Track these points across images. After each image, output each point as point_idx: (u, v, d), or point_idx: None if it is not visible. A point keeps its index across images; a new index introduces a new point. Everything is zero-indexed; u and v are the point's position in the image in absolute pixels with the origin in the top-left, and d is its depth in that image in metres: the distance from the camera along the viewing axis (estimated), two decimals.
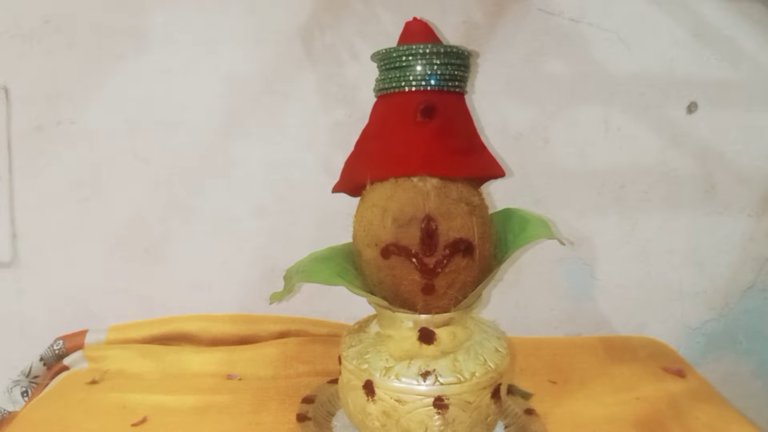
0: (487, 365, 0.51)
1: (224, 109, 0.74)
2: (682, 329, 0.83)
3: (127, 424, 0.59)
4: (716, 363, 0.83)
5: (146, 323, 0.75)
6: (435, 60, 0.51)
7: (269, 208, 0.77)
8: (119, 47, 0.72)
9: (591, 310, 0.81)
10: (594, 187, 0.78)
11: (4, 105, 0.72)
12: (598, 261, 0.80)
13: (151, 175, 0.75)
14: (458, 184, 0.52)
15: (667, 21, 0.74)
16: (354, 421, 0.54)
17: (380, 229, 0.51)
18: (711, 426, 0.60)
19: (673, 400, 0.64)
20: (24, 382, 0.72)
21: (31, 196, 0.75)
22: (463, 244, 0.51)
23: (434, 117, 0.51)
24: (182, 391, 0.65)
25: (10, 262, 0.76)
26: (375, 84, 0.55)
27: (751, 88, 0.76)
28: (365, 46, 0.72)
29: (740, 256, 0.81)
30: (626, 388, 0.67)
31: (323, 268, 0.53)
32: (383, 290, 0.53)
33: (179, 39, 0.72)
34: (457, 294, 0.52)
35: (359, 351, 0.53)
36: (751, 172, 0.79)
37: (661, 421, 0.61)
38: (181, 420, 0.60)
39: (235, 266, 0.78)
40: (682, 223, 0.79)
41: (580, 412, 0.62)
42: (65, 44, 0.71)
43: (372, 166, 0.53)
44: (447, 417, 0.50)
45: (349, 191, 0.57)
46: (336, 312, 0.78)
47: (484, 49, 0.73)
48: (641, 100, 0.76)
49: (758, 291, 0.82)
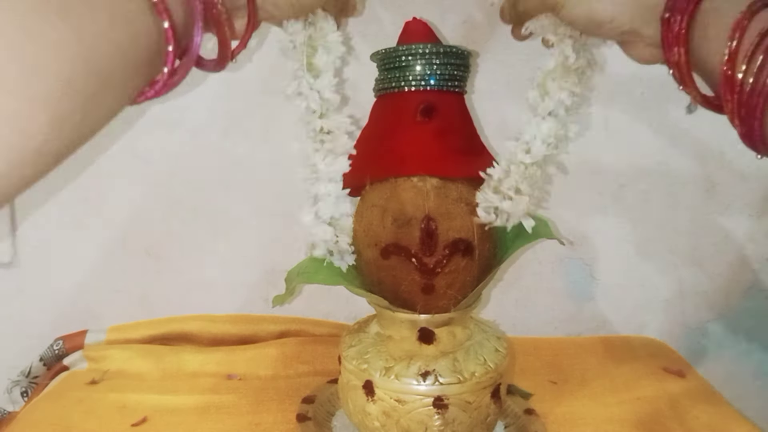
0: (486, 365, 0.51)
1: (224, 109, 0.74)
2: (682, 329, 0.83)
3: (127, 424, 0.59)
4: (716, 363, 0.83)
5: (146, 323, 0.75)
6: (434, 60, 0.51)
7: (269, 208, 0.77)
8: None
9: (591, 310, 0.81)
10: (594, 187, 0.78)
11: None
12: (598, 261, 0.80)
13: (151, 175, 0.75)
14: (458, 184, 0.52)
15: None
16: (354, 421, 0.54)
17: (380, 229, 0.51)
18: (711, 426, 0.60)
19: (673, 400, 0.64)
20: (24, 382, 0.72)
21: (31, 196, 0.74)
22: (462, 244, 0.51)
23: (434, 117, 0.51)
24: (182, 391, 0.65)
25: (10, 262, 0.76)
26: (375, 84, 0.55)
27: None
28: (365, 46, 0.72)
29: (740, 256, 0.81)
30: (626, 388, 0.67)
31: (323, 268, 0.53)
32: (383, 290, 0.53)
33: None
34: (456, 294, 0.52)
35: (359, 351, 0.53)
36: (751, 172, 0.79)
37: (661, 421, 0.60)
38: (181, 420, 0.60)
39: (235, 266, 0.78)
40: (682, 223, 0.79)
41: (580, 412, 0.62)
42: None
43: (372, 166, 0.53)
44: (447, 417, 0.50)
45: (349, 191, 0.57)
46: (336, 312, 0.78)
47: (484, 49, 0.73)
48: (641, 100, 0.76)
49: (758, 291, 0.82)
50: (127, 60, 0.32)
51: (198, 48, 0.38)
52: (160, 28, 0.34)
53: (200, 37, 0.38)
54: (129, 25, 0.32)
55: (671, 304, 0.82)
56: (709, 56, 0.38)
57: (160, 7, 0.33)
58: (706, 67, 0.39)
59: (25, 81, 0.26)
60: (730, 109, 0.37)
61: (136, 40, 0.33)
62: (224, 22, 0.40)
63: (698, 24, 0.39)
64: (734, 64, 0.36)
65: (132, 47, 0.32)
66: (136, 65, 0.33)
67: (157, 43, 0.34)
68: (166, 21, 0.34)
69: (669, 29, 0.40)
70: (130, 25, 0.32)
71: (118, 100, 0.33)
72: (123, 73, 0.32)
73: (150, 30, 0.33)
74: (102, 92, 0.31)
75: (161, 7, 0.34)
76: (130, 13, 0.32)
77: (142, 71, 0.34)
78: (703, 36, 0.38)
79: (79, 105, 0.29)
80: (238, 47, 0.45)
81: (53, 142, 0.29)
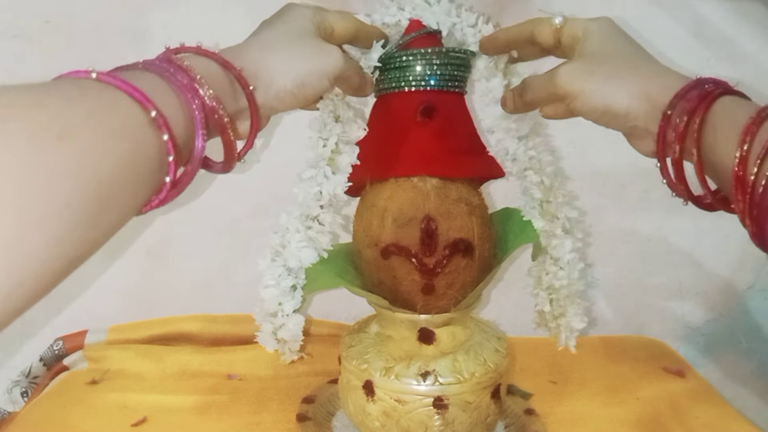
0: (486, 365, 0.51)
1: None
2: (682, 329, 0.83)
3: (127, 424, 0.59)
4: (716, 363, 0.83)
5: (146, 323, 0.75)
6: (435, 60, 0.51)
7: (269, 208, 0.77)
8: (119, 47, 0.72)
9: (591, 310, 0.81)
10: (594, 187, 0.78)
11: None
12: (598, 261, 0.80)
13: None
14: (458, 184, 0.52)
15: (668, 21, 0.74)
16: (354, 421, 0.54)
17: (380, 230, 0.51)
18: (711, 426, 0.60)
19: (673, 400, 0.64)
20: (24, 382, 0.72)
21: None
22: (462, 244, 0.51)
23: (434, 117, 0.51)
24: (182, 391, 0.65)
25: None
26: (375, 84, 0.55)
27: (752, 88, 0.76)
28: None
29: (740, 256, 0.81)
30: (626, 388, 0.67)
31: (322, 271, 0.54)
32: (383, 290, 0.53)
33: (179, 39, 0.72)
34: (456, 294, 0.52)
35: (359, 351, 0.53)
36: None
37: (661, 421, 0.61)
38: (181, 420, 0.60)
39: (235, 266, 0.78)
40: (682, 223, 0.79)
41: (580, 412, 0.62)
42: (65, 44, 0.71)
43: (372, 166, 0.53)
44: (447, 417, 0.50)
45: (349, 191, 0.57)
46: (336, 312, 0.78)
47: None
48: None
49: (758, 291, 0.82)
50: (129, 176, 0.32)
51: (201, 154, 0.38)
52: (160, 140, 0.34)
53: (203, 144, 0.38)
54: (130, 141, 0.32)
55: (671, 304, 0.82)
56: (721, 157, 0.39)
57: (159, 121, 0.33)
58: (717, 167, 0.40)
59: (21, 206, 0.26)
60: (741, 209, 0.38)
61: (138, 154, 0.33)
62: (227, 127, 0.40)
63: (708, 125, 0.40)
64: (746, 166, 0.37)
65: (133, 162, 0.32)
66: (139, 180, 0.33)
67: (159, 153, 0.34)
68: (166, 134, 0.34)
69: (668, 125, 0.42)
70: (131, 140, 0.32)
71: (122, 215, 0.34)
72: (125, 189, 0.32)
73: (151, 143, 0.33)
74: (104, 210, 0.31)
75: (161, 121, 0.33)
76: (131, 129, 0.32)
77: (145, 184, 0.34)
78: (713, 137, 0.39)
79: (80, 225, 0.29)
80: (245, 148, 0.45)
81: (54, 261, 0.29)
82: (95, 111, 0.31)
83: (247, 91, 0.42)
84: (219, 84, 0.40)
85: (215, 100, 0.39)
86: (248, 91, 0.42)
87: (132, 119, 0.33)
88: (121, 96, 0.33)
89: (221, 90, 0.40)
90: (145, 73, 0.37)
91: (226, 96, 0.41)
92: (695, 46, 0.75)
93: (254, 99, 0.43)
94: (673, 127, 0.41)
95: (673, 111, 0.41)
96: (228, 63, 0.42)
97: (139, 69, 0.38)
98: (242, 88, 0.42)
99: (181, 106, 0.37)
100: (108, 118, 0.31)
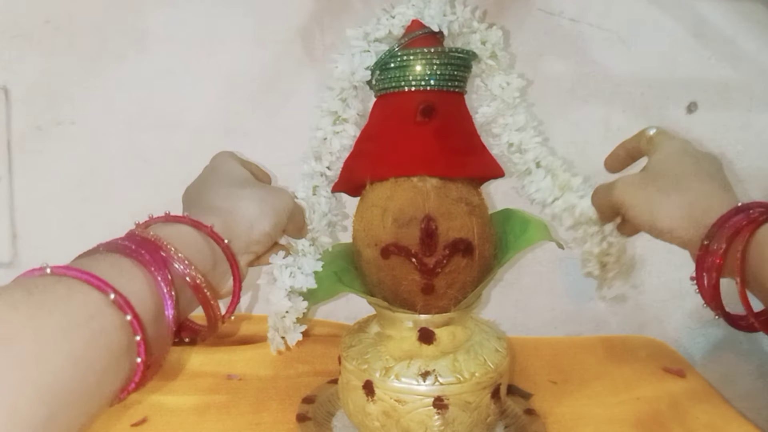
0: (486, 365, 0.51)
1: (224, 109, 0.74)
2: (682, 329, 0.83)
3: (127, 424, 0.59)
4: (716, 363, 0.83)
5: None
6: (435, 60, 0.51)
7: None
8: (119, 47, 0.72)
9: (591, 310, 0.81)
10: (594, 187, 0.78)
11: (4, 105, 0.72)
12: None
13: (151, 175, 0.75)
14: (458, 184, 0.52)
15: (668, 21, 0.74)
16: (354, 421, 0.54)
17: (380, 229, 0.51)
18: (711, 426, 0.60)
19: (673, 400, 0.64)
20: None
21: (31, 196, 0.75)
22: (462, 244, 0.51)
23: (434, 117, 0.51)
24: (182, 391, 0.65)
25: (10, 262, 0.76)
26: (375, 84, 0.55)
27: (752, 88, 0.76)
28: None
29: None
30: (626, 388, 0.67)
31: (320, 283, 0.54)
32: (383, 290, 0.53)
33: (179, 39, 0.72)
34: (456, 294, 0.52)
35: (359, 351, 0.53)
36: (751, 173, 0.78)
37: (661, 421, 0.60)
38: (181, 420, 0.60)
39: None
40: None
41: (580, 412, 0.62)
42: (65, 44, 0.71)
43: (372, 165, 0.53)
44: (447, 417, 0.50)
45: (349, 191, 0.57)
46: (336, 312, 0.78)
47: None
48: (641, 100, 0.76)
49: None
50: (89, 366, 0.32)
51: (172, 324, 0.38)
52: (124, 321, 0.34)
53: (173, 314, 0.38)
54: (87, 330, 0.32)
55: (671, 304, 0.82)
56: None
57: (119, 302, 0.34)
58: (764, 286, 0.42)
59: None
60: None
61: (99, 341, 0.32)
62: (202, 287, 0.40)
63: (753, 250, 0.42)
64: None
65: (94, 350, 0.32)
66: (103, 366, 0.33)
67: (127, 335, 0.34)
68: (129, 314, 0.34)
69: (707, 253, 0.44)
70: (88, 328, 0.32)
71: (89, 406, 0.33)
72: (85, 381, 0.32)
73: (114, 325, 0.33)
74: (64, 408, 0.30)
75: (121, 302, 0.34)
76: (87, 316, 0.32)
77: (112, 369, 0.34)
78: (761, 261, 0.41)
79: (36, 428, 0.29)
80: (232, 303, 0.46)
81: None
82: (43, 308, 0.30)
83: (223, 245, 0.43)
84: (192, 245, 0.41)
85: (185, 263, 0.39)
86: (224, 245, 0.43)
87: (89, 306, 0.32)
88: (75, 285, 0.33)
89: (196, 250, 0.40)
90: (105, 255, 0.37)
91: (203, 255, 0.41)
92: (695, 46, 0.75)
93: (231, 251, 0.44)
94: (711, 254, 0.43)
95: (711, 240, 0.43)
96: (197, 223, 0.42)
97: (100, 252, 0.38)
98: (217, 244, 0.43)
99: (146, 280, 0.36)
100: (57, 312, 0.31)
